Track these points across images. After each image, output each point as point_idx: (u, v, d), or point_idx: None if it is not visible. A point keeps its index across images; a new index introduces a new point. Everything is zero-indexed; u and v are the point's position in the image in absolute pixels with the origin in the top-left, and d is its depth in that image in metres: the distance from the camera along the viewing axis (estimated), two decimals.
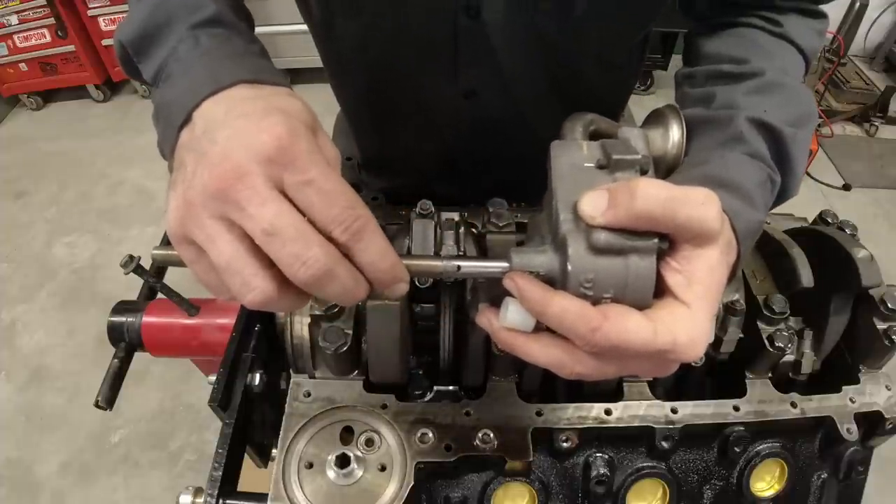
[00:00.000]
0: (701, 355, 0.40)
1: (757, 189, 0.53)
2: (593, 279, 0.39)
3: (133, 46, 0.53)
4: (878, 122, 3.57)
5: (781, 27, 0.66)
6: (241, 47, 0.51)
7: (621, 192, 0.38)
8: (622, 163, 0.42)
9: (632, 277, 0.39)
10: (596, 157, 0.44)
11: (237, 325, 0.69)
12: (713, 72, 0.66)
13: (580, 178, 0.42)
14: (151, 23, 0.52)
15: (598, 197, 0.39)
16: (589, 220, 0.39)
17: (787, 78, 0.63)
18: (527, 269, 0.41)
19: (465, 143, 0.88)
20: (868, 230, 2.97)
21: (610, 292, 0.40)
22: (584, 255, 0.39)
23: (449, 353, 0.69)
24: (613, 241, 0.39)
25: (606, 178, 0.42)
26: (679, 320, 0.39)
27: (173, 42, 0.50)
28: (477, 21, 0.69)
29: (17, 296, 2.54)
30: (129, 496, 1.95)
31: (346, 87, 0.92)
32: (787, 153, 0.57)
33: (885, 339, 0.67)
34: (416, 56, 0.77)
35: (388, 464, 0.59)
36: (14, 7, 3.14)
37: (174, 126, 0.44)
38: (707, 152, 0.57)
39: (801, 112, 0.60)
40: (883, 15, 3.91)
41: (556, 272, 0.41)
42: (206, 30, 0.50)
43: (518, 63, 0.76)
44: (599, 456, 0.66)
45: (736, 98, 0.60)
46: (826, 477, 0.71)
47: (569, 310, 0.39)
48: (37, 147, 3.30)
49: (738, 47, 0.66)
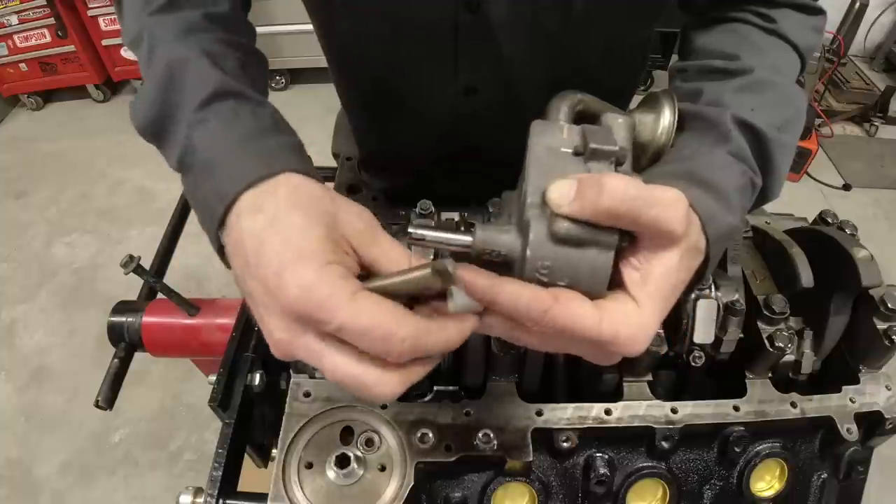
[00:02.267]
0: (641, 351, 0.42)
1: (736, 193, 0.53)
2: (550, 266, 0.40)
3: (147, 133, 0.53)
4: (878, 122, 3.57)
5: (774, 23, 0.65)
6: (251, 124, 0.49)
7: (589, 185, 0.39)
8: (598, 153, 0.42)
9: (588, 269, 0.40)
10: (574, 143, 0.44)
11: (237, 325, 0.69)
12: (704, 67, 0.65)
13: (554, 162, 0.42)
14: (160, 104, 0.50)
15: (567, 186, 0.39)
16: (555, 207, 0.39)
17: (777, 76, 0.62)
18: (488, 246, 0.41)
19: (466, 140, 0.88)
20: (868, 230, 2.97)
21: (565, 281, 0.40)
22: (545, 242, 0.40)
23: (449, 353, 0.69)
24: (575, 232, 0.39)
25: (580, 166, 0.42)
26: (626, 315, 0.41)
27: (184, 129, 0.49)
28: (477, 16, 0.69)
29: (17, 296, 2.54)
30: (129, 496, 1.95)
31: (347, 83, 0.91)
32: (770, 157, 0.57)
33: (885, 339, 0.67)
34: (417, 52, 0.77)
35: (388, 464, 0.59)
36: (14, 7, 3.13)
37: (212, 235, 0.47)
38: (693, 148, 0.56)
39: (787, 115, 0.60)
40: (883, 15, 3.91)
41: (515, 254, 0.41)
42: (213, 107, 0.49)
43: (519, 59, 0.76)
44: (599, 456, 0.66)
45: (723, 95, 0.59)
46: (826, 477, 0.71)
47: (521, 294, 0.40)
48: (37, 147, 3.30)
49: (729, 43, 0.66)
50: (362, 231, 0.43)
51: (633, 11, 0.74)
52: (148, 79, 0.52)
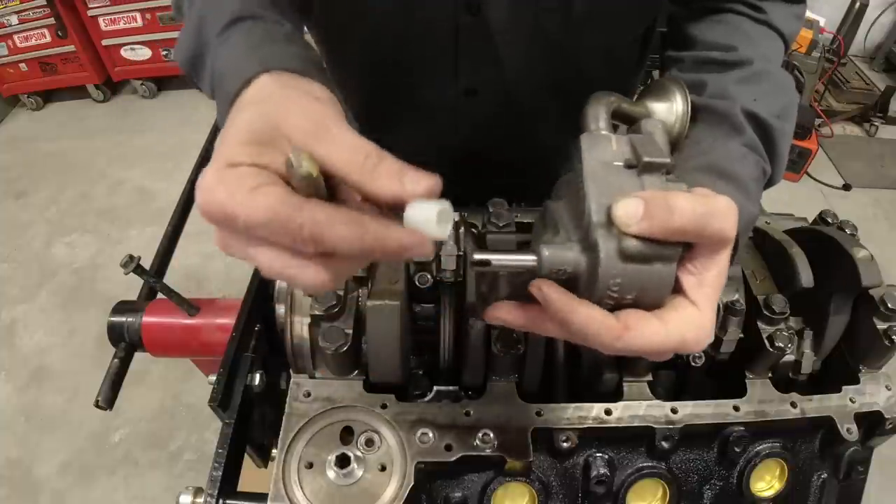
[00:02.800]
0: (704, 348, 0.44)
1: (753, 183, 0.56)
2: (620, 283, 0.41)
3: (188, 69, 0.57)
4: (878, 122, 3.57)
5: (765, 13, 0.68)
6: (260, 36, 0.51)
7: (658, 206, 0.39)
8: (652, 165, 0.43)
9: (654, 282, 0.41)
10: (624, 155, 0.44)
11: (237, 325, 0.69)
12: (702, 58, 0.67)
13: (611, 178, 0.43)
14: (195, 42, 0.54)
15: (634, 205, 0.40)
16: (623, 227, 0.40)
17: (770, 66, 0.64)
18: (555, 266, 0.42)
19: (466, 141, 0.88)
20: (868, 230, 2.97)
21: (632, 294, 0.41)
22: (615, 260, 0.40)
23: (449, 353, 0.69)
24: (644, 250, 0.40)
25: (635, 180, 0.43)
26: (688, 320, 0.42)
27: (210, 59, 0.53)
28: (478, 18, 0.69)
29: (17, 296, 2.54)
30: (129, 496, 1.95)
31: (347, 85, 0.92)
32: (775, 145, 0.60)
33: (885, 339, 0.67)
34: (417, 54, 0.77)
35: (388, 464, 0.59)
36: (14, 7, 3.14)
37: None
38: (709, 141, 0.58)
39: (785, 102, 0.62)
40: (883, 15, 3.91)
41: (582, 272, 0.42)
42: (231, 30, 0.52)
43: (519, 60, 0.76)
44: (599, 456, 0.66)
45: (728, 87, 0.61)
46: (826, 477, 0.71)
47: (593, 319, 0.41)
48: (37, 147, 3.30)
49: (724, 34, 0.67)
50: (307, 130, 0.40)
51: (631, 11, 0.74)
52: (187, 22, 0.57)
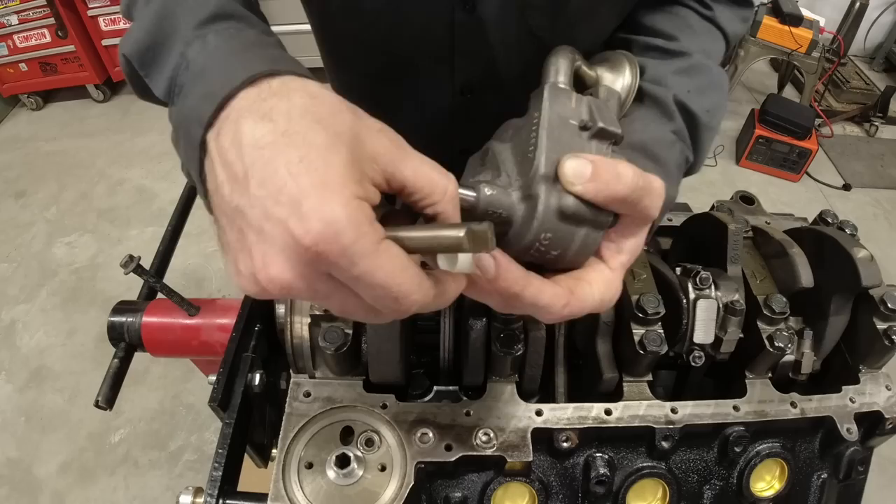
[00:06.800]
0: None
1: (676, 169, 0.59)
2: (550, 238, 0.41)
3: (139, 59, 0.48)
4: (878, 122, 3.57)
5: (711, 11, 0.71)
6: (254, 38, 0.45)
7: (606, 170, 0.40)
8: (605, 133, 0.44)
9: (580, 245, 0.42)
10: (580, 116, 0.44)
11: (237, 325, 0.69)
12: (646, 44, 0.69)
13: (565, 135, 0.43)
14: (156, 30, 0.46)
15: (582, 166, 0.40)
16: (567, 185, 0.40)
17: (709, 61, 0.67)
18: (492, 207, 0.42)
19: (461, 141, 0.88)
20: (868, 230, 2.97)
21: (556, 251, 0.42)
22: (551, 215, 0.41)
23: (449, 353, 0.69)
24: (581, 211, 0.41)
25: (585, 142, 0.43)
26: (605, 283, 0.45)
27: (180, 48, 0.44)
28: (473, 16, 0.70)
29: (17, 296, 2.54)
30: (129, 496, 1.95)
31: (344, 83, 0.92)
32: (699, 139, 0.63)
33: (885, 339, 0.67)
34: (414, 52, 0.77)
35: (388, 464, 0.59)
36: (14, 7, 3.13)
37: (195, 144, 0.39)
38: (643, 122, 0.60)
39: (716, 100, 0.65)
40: (883, 15, 3.91)
41: (517, 220, 0.42)
42: (213, 26, 0.45)
43: (513, 59, 0.76)
44: (599, 456, 0.66)
45: (666, 76, 0.64)
46: (826, 477, 0.71)
47: (544, 290, 0.41)
48: (37, 147, 3.30)
49: (670, 24, 0.70)
50: (389, 148, 0.37)
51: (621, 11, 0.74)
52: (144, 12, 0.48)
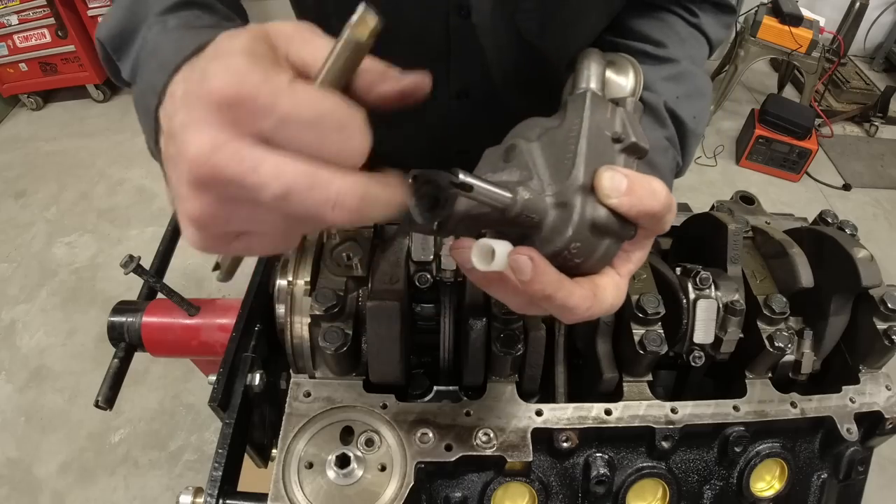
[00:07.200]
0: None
1: (670, 174, 0.61)
2: (578, 247, 0.41)
3: (111, 44, 0.52)
4: (878, 122, 3.58)
5: (697, 18, 0.72)
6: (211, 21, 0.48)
7: (642, 186, 0.40)
8: (635, 148, 0.44)
9: (601, 255, 0.42)
10: (614, 128, 0.44)
11: (237, 325, 0.69)
12: (634, 49, 0.69)
13: (602, 146, 0.43)
14: (128, 17, 0.50)
15: (619, 179, 0.40)
16: (603, 196, 0.40)
17: (695, 68, 0.68)
18: (528, 212, 0.41)
19: (457, 144, 0.88)
20: (868, 230, 2.97)
21: (580, 259, 0.42)
22: (584, 225, 0.41)
23: (449, 353, 0.69)
24: (609, 223, 0.41)
25: (616, 154, 0.44)
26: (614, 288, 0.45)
27: (144, 31, 0.48)
28: (468, 21, 0.70)
29: (17, 296, 2.54)
30: (129, 496, 1.95)
31: None
32: (686, 144, 0.65)
33: (885, 339, 0.67)
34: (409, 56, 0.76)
35: (388, 464, 0.59)
36: (14, 7, 3.13)
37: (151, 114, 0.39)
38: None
39: (700, 106, 0.67)
40: (883, 15, 3.91)
41: (547, 226, 0.42)
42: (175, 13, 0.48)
43: (507, 63, 0.76)
44: (599, 456, 0.66)
45: (655, 81, 0.64)
46: (826, 477, 0.71)
47: (573, 293, 0.41)
48: (37, 147, 3.30)
49: (659, 30, 0.71)
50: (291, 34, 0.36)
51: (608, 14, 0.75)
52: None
